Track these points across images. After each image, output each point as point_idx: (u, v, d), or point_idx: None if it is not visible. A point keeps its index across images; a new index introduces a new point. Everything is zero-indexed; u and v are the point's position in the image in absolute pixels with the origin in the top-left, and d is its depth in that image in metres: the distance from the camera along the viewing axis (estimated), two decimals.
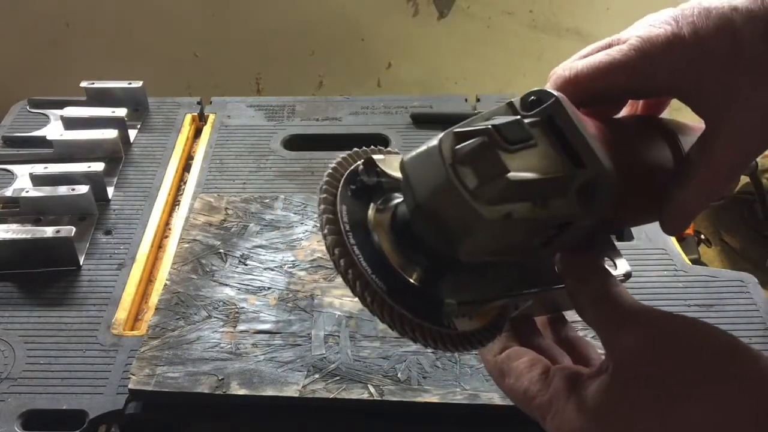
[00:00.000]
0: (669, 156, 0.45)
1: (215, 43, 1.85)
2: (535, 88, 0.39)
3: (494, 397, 0.63)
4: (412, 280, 0.40)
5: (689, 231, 0.98)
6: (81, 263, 0.81)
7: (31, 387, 0.67)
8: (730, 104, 0.40)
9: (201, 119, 1.06)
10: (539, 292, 0.43)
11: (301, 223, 0.82)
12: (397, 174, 0.40)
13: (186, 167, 0.98)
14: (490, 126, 0.36)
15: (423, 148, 0.37)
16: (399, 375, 0.65)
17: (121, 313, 0.75)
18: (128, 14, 1.79)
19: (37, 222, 0.85)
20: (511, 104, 0.39)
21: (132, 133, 1.01)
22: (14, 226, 0.82)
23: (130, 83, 1.05)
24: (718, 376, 0.35)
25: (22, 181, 0.92)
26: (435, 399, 0.63)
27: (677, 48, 0.40)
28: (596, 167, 0.37)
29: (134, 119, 1.03)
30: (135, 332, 0.74)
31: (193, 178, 0.94)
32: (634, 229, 0.84)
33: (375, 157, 0.42)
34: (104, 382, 0.68)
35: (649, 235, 0.84)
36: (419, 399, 0.63)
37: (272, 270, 0.76)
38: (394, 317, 0.39)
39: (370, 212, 0.41)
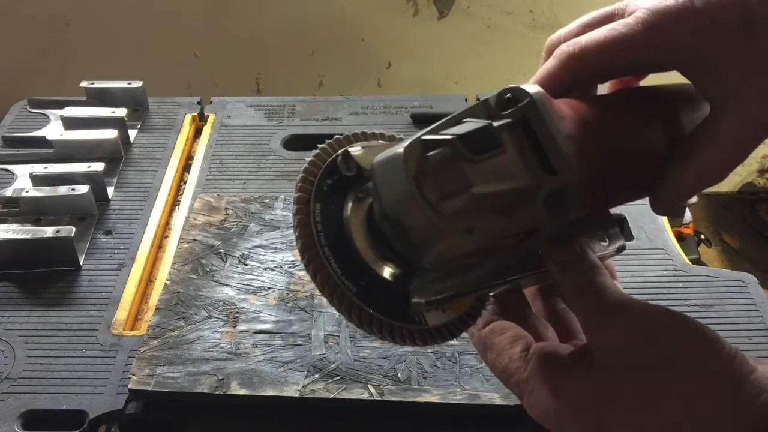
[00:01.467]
0: (662, 134, 0.43)
1: (215, 43, 1.85)
2: (511, 86, 0.38)
3: (494, 397, 0.63)
4: (384, 276, 0.40)
5: (689, 231, 0.97)
6: (81, 263, 0.81)
7: (31, 387, 0.67)
8: (740, 84, 0.38)
9: (201, 119, 1.06)
10: (519, 278, 0.43)
11: None
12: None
13: (186, 167, 0.98)
14: (455, 136, 0.35)
15: (391, 153, 0.36)
16: (399, 375, 0.65)
17: (121, 313, 0.75)
18: (128, 14, 1.79)
19: (37, 222, 0.85)
20: (486, 102, 0.38)
21: (132, 133, 1.01)
22: (14, 226, 0.82)
23: (130, 83, 1.05)
24: (695, 374, 0.35)
25: (22, 181, 0.92)
26: (435, 399, 0.63)
27: (688, 20, 0.38)
28: (567, 175, 0.36)
29: (134, 119, 1.03)
30: (135, 332, 0.74)
31: (193, 178, 0.94)
32: (634, 230, 0.84)
33: (354, 148, 0.42)
34: (104, 382, 0.68)
35: (649, 235, 0.84)
36: (419, 399, 0.63)
37: (272, 270, 0.76)
38: (363, 318, 0.39)
39: (348, 205, 0.41)
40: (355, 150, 0.42)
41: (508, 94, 0.37)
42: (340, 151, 0.42)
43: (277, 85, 1.95)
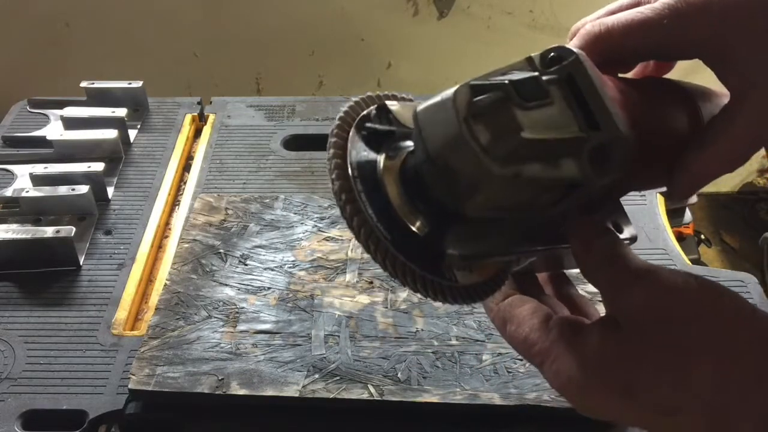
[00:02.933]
0: (686, 122, 0.43)
1: (215, 43, 1.85)
2: (555, 45, 0.38)
3: (494, 397, 0.63)
4: (416, 230, 0.39)
5: (689, 231, 0.97)
6: (81, 263, 0.81)
7: (31, 387, 0.67)
8: (760, 74, 0.39)
9: (201, 119, 1.06)
10: (544, 250, 0.43)
11: (301, 223, 0.82)
12: (410, 123, 0.39)
13: (186, 167, 0.98)
14: (506, 81, 0.35)
15: (437, 99, 0.36)
16: (399, 375, 0.65)
17: (121, 313, 0.75)
18: (128, 14, 1.79)
19: (37, 222, 0.85)
20: (530, 59, 0.38)
21: (132, 133, 1.00)
22: (14, 226, 0.82)
23: (130, 83, 1.05)
24: (726, 335, 0.35)
25: (22, 181, 0.92)
26: (435, 399, 0.63)
27: (714, 8, 0.38)
28: (612, 131, 0.36)
29: (134, 119, 1.03)
30: (135, 332, 0.74)
31: (193, 178, 0.94)
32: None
33: (388, 103, 0.41)
34: (104, 382, 0.68)
35: (649, 235, 0.84)
36: (419, 399, 0.63)
37: (272, 270, 0.76)
38: (397, 267, 0.39)
39: (380, 159, 0.40)
40: (391, 103, 0.41)
41: (553, 53, 0.38)
42: (373, 106, 0.42)
43: (277, 85, 1.95)
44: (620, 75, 0.44)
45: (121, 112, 0.98)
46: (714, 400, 0.35)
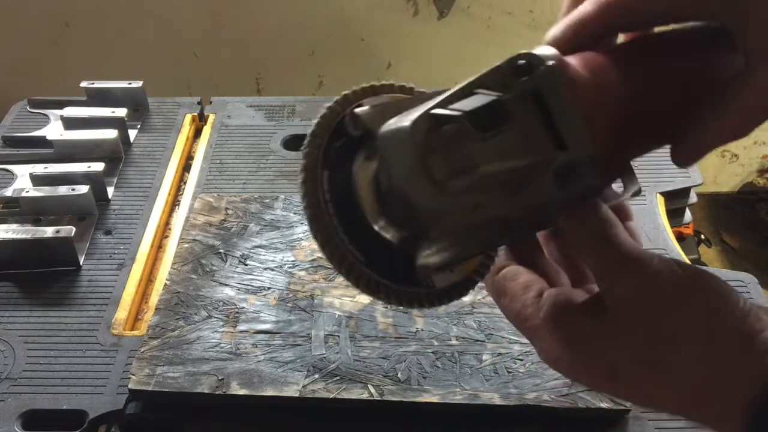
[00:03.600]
0: (692, 83, 0.41)
1: (215, 43, 1.85)
2: (525, 51, 0.35)
3: (494, 397, 0.63)
4: (392, 241, 0.40)
5: (689, 231, 0.97)
6: (81, 263, 0.81)
7: (31, 387, 0.67)
8: None
9: (201, 119, 1.06)
10: (531, 233, 0.42)
11: (301, 223, 0.82)
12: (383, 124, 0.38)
13: (186, 167, 0.98)
14: (462, 113, 0.34)
15: (399, 125, 0.36)
16: (399, 375, 0.65)
17: (121, 313, 0.75)
18: (128, 14, 1.79)
19: (37, 222, 0.85)
20: (499, 69, 0.36)
21: (132, 133, 1.01)
22: (14, 226, 0.82)
23: (130, 83, 1.05)
24: (707, 325, 0.35)
25: (22, 181, 0.92)
26: (435, 399, 0.63)
27: None
28: (579, 150, 0.34)
29: (134, 119, 1.03)
30: (135, 332, 0.74)
31: (193, 178, 0.94)
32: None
33: (361, 108, 0.40)
34: (104, 382, 0.68)
35: (649, 235, 0.84)
36: (419, 399, 0.63)
37: (272, 270, 0.76)
38: (371, 286, 0.40)
39: (355, 166, 0.40)
40: (363, 110, 0.40)
41: (522, 61, 0.35)
42: (347, 111, 0.41)
43: (277, 85, 1.95)
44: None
45: (121, 112, 0.98)
46: (693, 388, 0.35)
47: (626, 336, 0.37)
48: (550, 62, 0.34)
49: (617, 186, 0.43)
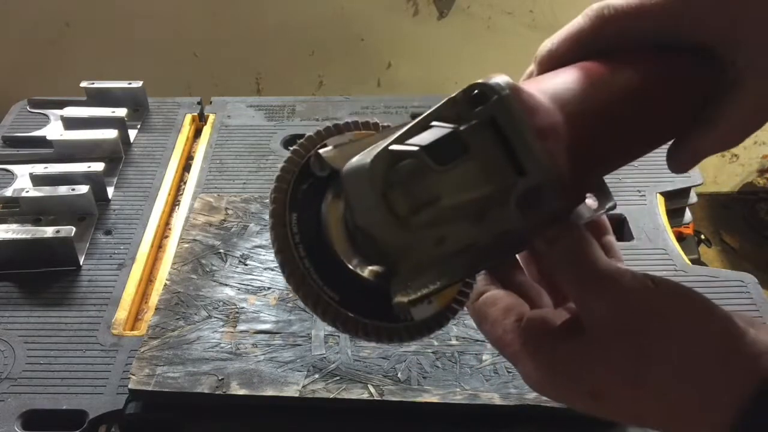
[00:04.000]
0: (675, 99, 0.42)
1: (215, 43, 1.85)
2: (478, 81, 0.36)
3: (494, 397, 0.63)
4: (366, 277, 0.40)
5: (689, 231, 0.97)
6: (81, 263, 0.81)
7: (31, 387, 0.67)
8: (761, 57, 0.39)
9: (201, 119, 1.06)
10: (504, 259, 0.42)
11: None
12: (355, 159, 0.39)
13: (186, 167, 0.98)
14: (420, 148, 0.35)
15: (359, 162, 0.36)
16: (399, 375, 0.65)
17: (121, 313, 0.75)
18: (128, 14, 1.79)
19: (37, 222, 0.85)
20: (453, 100, 0.37)
21: (132, 133, 1.01)
22: (14, 226, 0.82)
23: (130, 83, 1.05)
24: (686, 337, 0.35)
25: (22, 181, 0.92)
26: (435, 399, 0.63)
27: None
28: (539, 174, 0.34)
29: (134, 119, 1.03)
30: (135, 332, 0.74)
31: (193, 178, 0.94)
32: (634, 230, 0.84)
33: (325, 149, 0.41)
34: (104, 382, 0.68)
35: (649, 235, 0.84)
36: (419, 399, 0.63)
37: (272, 270, 0.76)
38: (348, 325, 0.40)
39: (324, 206, 0.41)
40: (327, 150, 0.41)
41: (476, 91, 0.36)
42: (312, 152, 0.41)
43: (277, 85, 1.95)
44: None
45: (121, 112, 0.98)
46: (674, 403, 0.35)
47: (604, 354, 0.37)
48: (504, 91, 0.35)
49: (592, 201, 0.42)
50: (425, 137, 0.35)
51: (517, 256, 0.47)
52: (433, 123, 0.36)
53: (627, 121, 0.40)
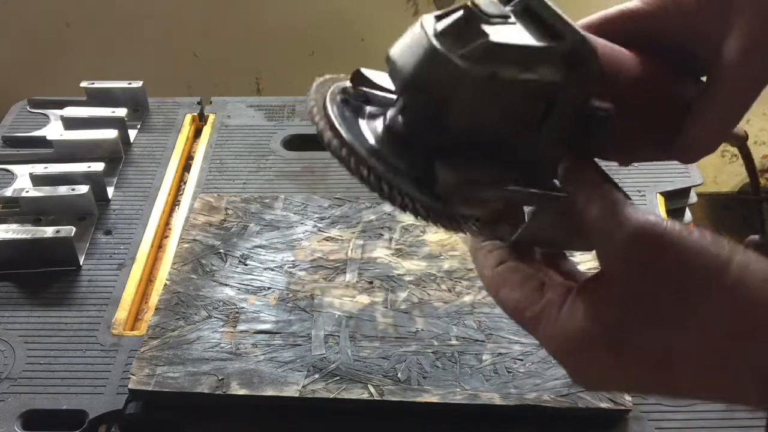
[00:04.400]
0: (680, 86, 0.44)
1: (215, 43, 1.85)
2: None
3: (494, 397, 0.63)
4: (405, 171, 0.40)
5: None
6: (81, 263, 0.81)
7: (31, 387, 0.67)
8: (742, 56, 0.40)
9: (201, 119, 1.06)
10: (539, 196, 0.42)
11: (301, 223, 0.82)
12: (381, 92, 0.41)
13: (186, 167, 0.98)
14: (468, 3, 0.37)
15: (405, 35, 0.39)
16: (399, 375, 0.65)
17: (121, 313, 0.75)
18: (128, 14, 1.79)
19: (37, 222, 0.85)
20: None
21: (132, 133, 1.00)
22: (14, 226, 0.82)
23: (130, 83, 1.05)
24: (703, 297, 0.35)
25: (22, 181, 0.92)
26: (435, 399, 0.63)
27: None
28: (576, 36, 0.38)
29: (134, 119, 1.03)
30: (135, 332, 0.74)
31: (193, 178, 0.94)
32: None
33: (345, 83, 0.44)
34: (104, 382, 0.68)
35: None
36: (419, 399, 0.63)
37: (272, 270, 0.76)
38: (393, 186, 0.39)
39: (361, 122, 0.43)
40: (365, 69, 0.44)
41: None
42: (338, 83, 0.44)
43: (277, 85, 1.95)
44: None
45: (121, 112, 0.98)
46: (709, 352, 0.35)
47: (634, 307, 0.36)
48: None
49: None
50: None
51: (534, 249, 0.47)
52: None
53: None
